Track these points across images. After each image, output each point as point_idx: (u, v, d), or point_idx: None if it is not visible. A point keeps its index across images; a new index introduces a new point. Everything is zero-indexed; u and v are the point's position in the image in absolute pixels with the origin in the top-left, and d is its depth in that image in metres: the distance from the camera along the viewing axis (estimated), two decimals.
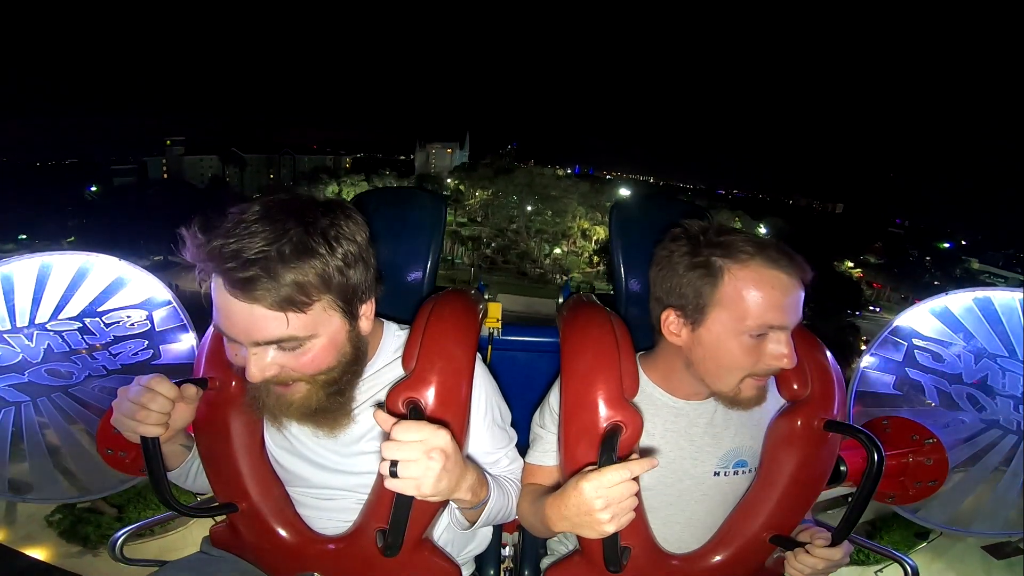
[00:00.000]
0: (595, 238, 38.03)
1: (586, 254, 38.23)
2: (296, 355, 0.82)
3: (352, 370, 0.90)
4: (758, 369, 0.92)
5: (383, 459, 0.73)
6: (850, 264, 38.71)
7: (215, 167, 43.83)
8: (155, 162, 43.77)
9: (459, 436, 0.94)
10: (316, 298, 0.80)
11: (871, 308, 33.93)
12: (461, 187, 40.64)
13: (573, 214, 38.88)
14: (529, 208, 38.63)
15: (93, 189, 39.96)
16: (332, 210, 0.83)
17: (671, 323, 0.96)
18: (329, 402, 0.88)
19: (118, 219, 34.75)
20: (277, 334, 0.79)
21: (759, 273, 0.89)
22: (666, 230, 0.99)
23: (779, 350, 0.90)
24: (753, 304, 0.88)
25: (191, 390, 0.90)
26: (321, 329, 0.82)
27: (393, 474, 0.72)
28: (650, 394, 1.03)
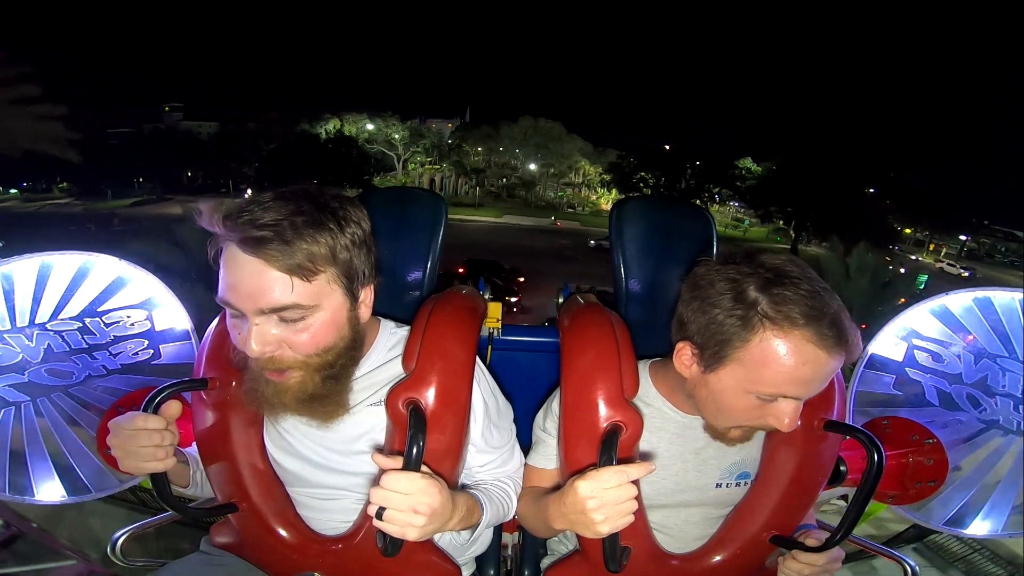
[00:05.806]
0: (599, 176, 40.34)
1: (592, 198, 40.60)
2: (297, 329, 0.83)
3: (349, 355, 0.91)
4: (754, 424, 0.89)
5: (370, 502, 0.76)
6: (871, 190, 36.96)
7: (214, 132, 42.78)
8: (153, 129, 42.43)
9: (459, 437, 0.95)
10: (322, 269, 0.82)
11: (891, 247, 33.04)
12: (463, 144, 41.33)
13: (575, 161, 40.88)
14: (532, 165, 40.64)
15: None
16: (339, 197, 0.88)
17: (684, 356, 0.90)
18: (325, 388, 0.89)
19: (114, 163, 34.23)
20: (283, 300, 0.80)
21: (797, 345, 0.79)
22: (666, 230, 0.97)
23: (782, 415, 0.84)
24: (775, 373, 0.81)
25: (172, 409, 0.89)
26: (325, 301, 0.84)
27: (379, 516, 0.76)
28: (658, 408, 1.02)
